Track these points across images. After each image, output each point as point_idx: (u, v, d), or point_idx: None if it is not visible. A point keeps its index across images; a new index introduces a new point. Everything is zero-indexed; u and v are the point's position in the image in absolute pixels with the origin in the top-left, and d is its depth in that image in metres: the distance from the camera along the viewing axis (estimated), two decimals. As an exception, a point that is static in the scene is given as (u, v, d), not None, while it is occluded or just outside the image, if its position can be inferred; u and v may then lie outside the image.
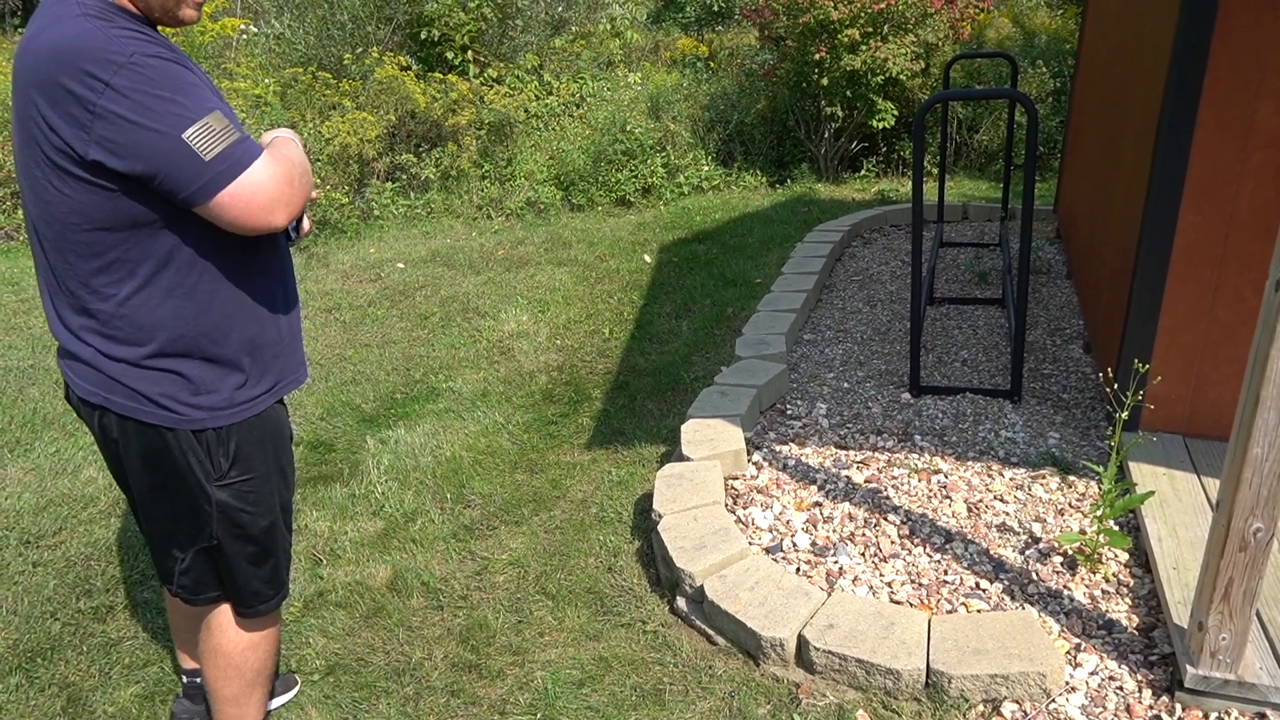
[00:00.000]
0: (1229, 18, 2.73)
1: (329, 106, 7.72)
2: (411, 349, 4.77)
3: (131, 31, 1.50)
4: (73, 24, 1.48)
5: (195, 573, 1.87)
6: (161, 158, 1.46)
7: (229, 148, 1.50)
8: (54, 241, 1.60)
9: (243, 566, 1.88)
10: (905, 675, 2.22)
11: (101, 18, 1.50)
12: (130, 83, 1.44)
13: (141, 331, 1.64)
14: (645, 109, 8.58)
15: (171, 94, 1.47)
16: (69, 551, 3.05)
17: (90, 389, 1.68)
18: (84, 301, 1.63)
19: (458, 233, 7.11)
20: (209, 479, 1.77)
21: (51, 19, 1.52)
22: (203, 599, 1.91)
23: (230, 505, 1.81)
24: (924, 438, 3.44)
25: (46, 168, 1.52)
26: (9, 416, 4.04)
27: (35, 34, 1.53)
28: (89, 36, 1.46)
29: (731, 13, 13.17)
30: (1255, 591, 2.00)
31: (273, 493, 1.88)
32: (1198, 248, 2.98)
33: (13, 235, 7.09)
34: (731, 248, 6.29)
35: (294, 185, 1.60)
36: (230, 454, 1.78)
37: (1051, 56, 8.75)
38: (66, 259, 1.60)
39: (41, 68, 1.47)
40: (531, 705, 2.34)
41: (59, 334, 1.70)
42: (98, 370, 1.66)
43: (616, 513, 3.19)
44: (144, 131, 1.45)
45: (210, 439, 1.74)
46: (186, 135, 1.46)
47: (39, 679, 2.48)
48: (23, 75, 1.52)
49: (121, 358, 1.65)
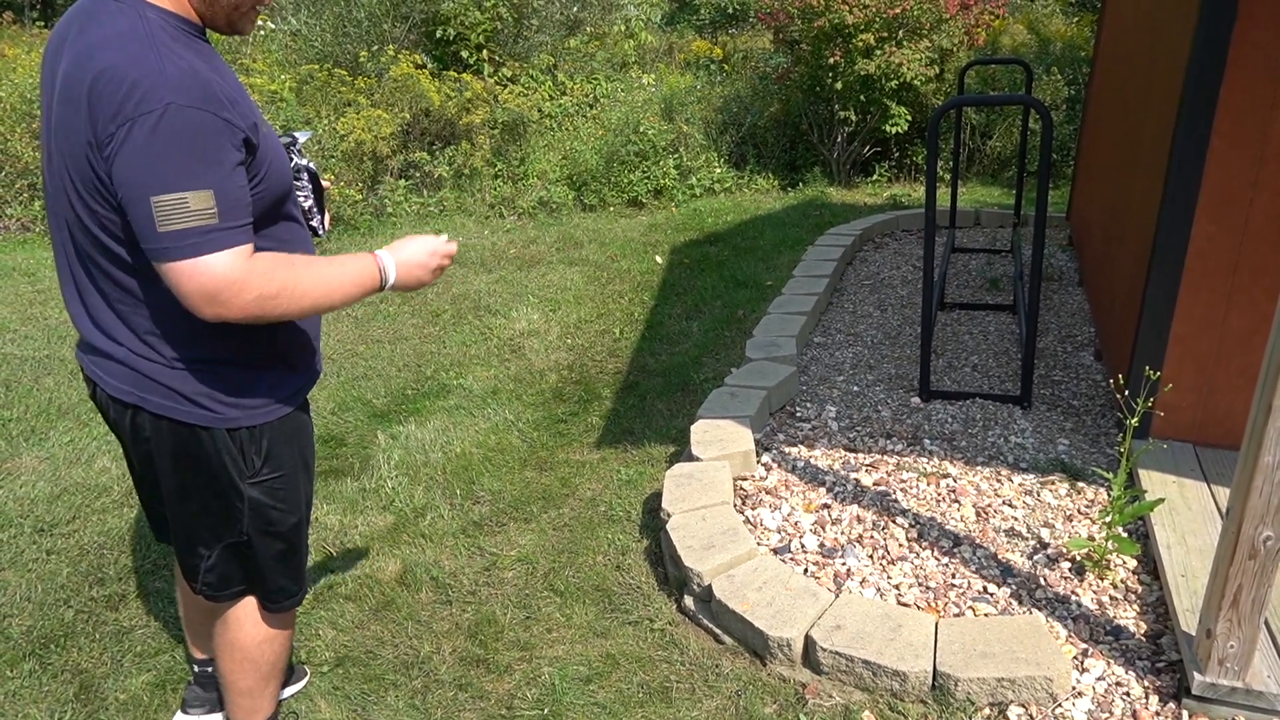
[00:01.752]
0: (1246, 29, 2.73)
1: (344, 103, 7.76)
2: (423, 346, 4.80)
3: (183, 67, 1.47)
4: (128, 47, 1.46)
5: (221, 569, 1.87)
6: (130, 205, 1.46)
7: (190, 229, 1.45)
8: (87, 247, 1.61)
9: (270, 563, 1.90)
10: (912, 677, 2.23)
11: (154, 40, 1.47)
12: (148, 130, 1.42)
13: (180, 333, 1.65)
14: (658, 110, 8.59)
15: (176, 156, 1.44)
16: (82, 540, 3.08)
17: (124, 388, 1.69)
18: (120, 303, 1.64)
19: (470, 231, 7.13)
20: (242, 477, 1.78)
21: (109, 27, 1.49)
22: (226, 595, 1.92)
23: (262, 502, 1.83)
24: (933, 442, 3.44)
25: (78, 178, 1.54)
26: (24, 405, 4.07)
27: (83, 32, 1.51)
28: (139, 68, 1.44)
29: (746, 16, 13.18)
30: (1264, 599, 2.00)
31: (299, 489, 1.91)
32: (1212, 256, 2.97)
33: (29, 226, 7.15)
34: (743, 250, 6.30)
35: (251, 295, 1.52)
36: (263, 452, 1.79)
37: (1066, 63, 8.73)
38: (101, 265, 1.61)
39: (86, 81, 1.46)
40: (539, 700, 2.36)
41: (87, 332, 1.70)
42: (132, 369, 1.67)
43: (625, 511, 3.20)
44: (131, 173, 1.44)
45: (244, 437, 1.76)
46: (154, 199, 1.44)
47: (52, 665, 2.50)
48: (67, 78, 1.51)
49: (158, 358, 1.66)
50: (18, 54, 8.61)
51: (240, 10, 1.64)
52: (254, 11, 1.67)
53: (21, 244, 6.85)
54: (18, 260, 6.39)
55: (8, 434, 3.82)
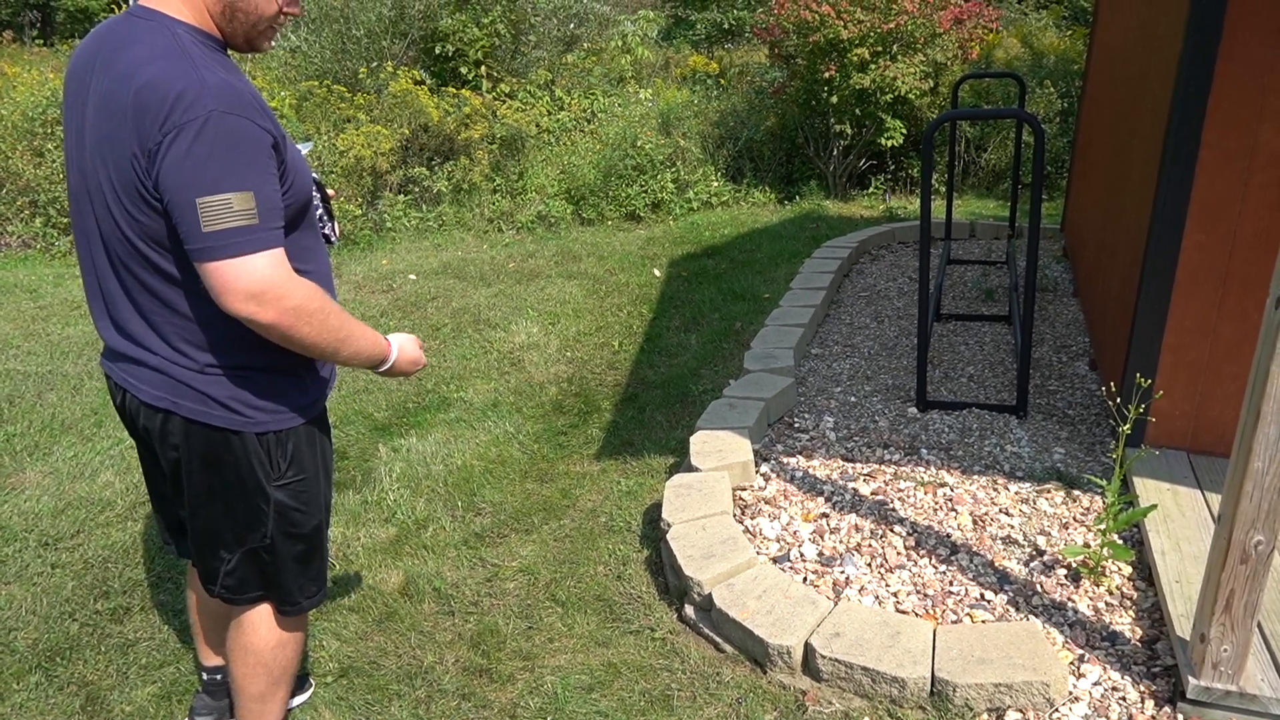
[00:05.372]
0: (1234, 41, 2.78)
1: (344, 119, 7.82)
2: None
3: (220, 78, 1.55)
4: (169, 61, 1.54)
5: (240, 573, 1.91)
6: (176, 208, 1.53)
7: (234, 228, 1.53)
8: (124, 257, 1.66)
9: (290, 565, 1.93)
10: (910, 684, 2.25)
11: (189, 55, 1.55)
12: (193, 135, 1.50)
13: (212, 341, 1.71)
14: (656, 125, 8.66)
15: (219, 159, 1.51)
16: (87, 554, 3.10)
17: (157, 394, 1.74)
18: (154, 312, 1.69)
19: (469, 245, 7.18)
20: (268, 480, 1.83)
21: (147, 44, 1.57)
22: (243, 599, 1.95)
23: (286, 505, 1.87)
24: (930, 451, 3.47)
25: (121, 188, 1.59)
26: (28, 421, 4.10)
27: (119, 50, 1.58)
28: (183, 80, 1.52)
29: (742, 31, 13.30)
30: (1256, 604, 2.03)
31: (321, 492, 1.95)
32: (1203, 266, 3.02)
33: (29, 244, 7.18)
34: (740, 263, 6.35)
35: (293, 303, 1.59)
36: (288, 455, 1.84)
37: (1059, 77, 8.81)
38: (136, 274, 1.67)
39: (130, 95, 1.53)
40: (541, 709, 2.38)
41: (116, 342, 1.75)
42: (166, 375, 1.72)
43: (625, 522, 3.23)
44: (177, 177, 1.51)
45: (271, 441, 1.81)
46: (200, 201, 1.51)
47: (58, 678, 2.52)
48: (109, 95, 1.57)
49: (191, 364, 1.72)
50: (18, 72, 8.67)
51: (259, 29, 1.71)
52: (271, 30, 1.73)
53: (23, 260, 6.88)
54: (19, 277, 6.42)
55: (11, 449, 3.85)
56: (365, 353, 1.78)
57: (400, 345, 1.90)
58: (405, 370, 1.92)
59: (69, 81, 1.69)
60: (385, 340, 1.85)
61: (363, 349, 1.77)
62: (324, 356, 1.72)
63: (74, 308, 5.71)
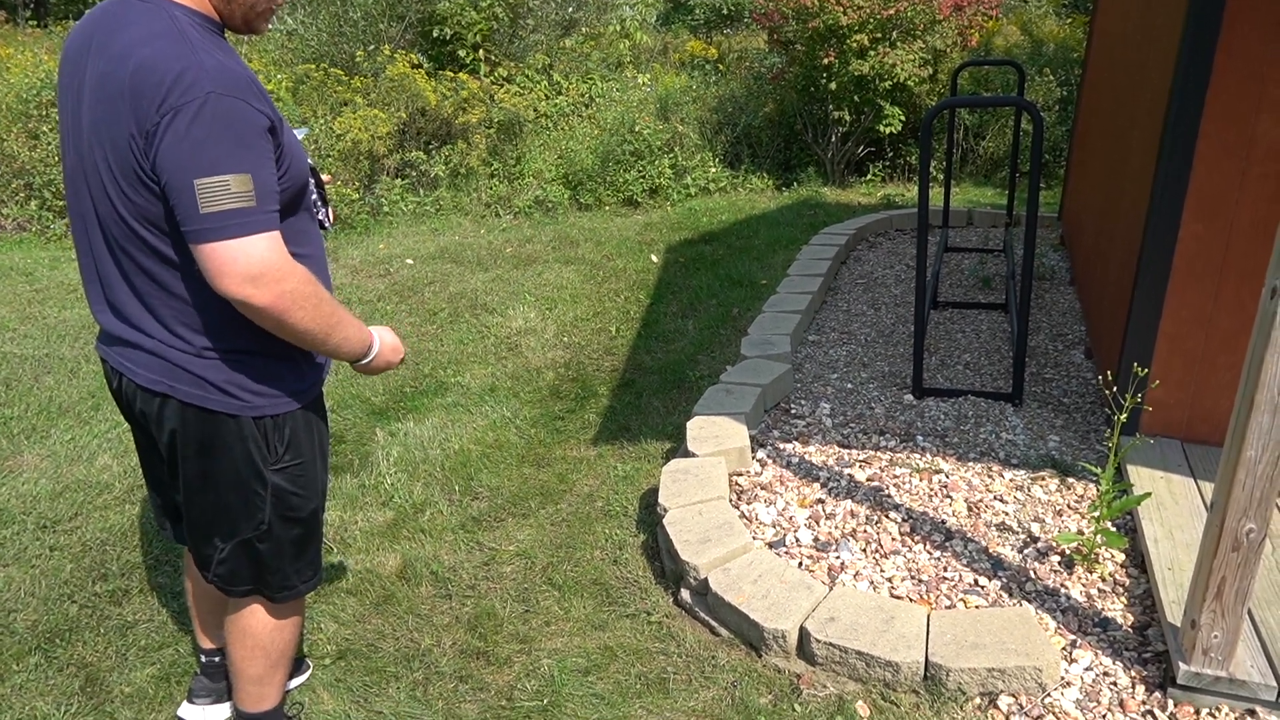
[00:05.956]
0: (1233, 33, 2.78)
1: (341, 103, 7.79)
2: (420, 344, 4.83)
3: (217, 60, 1.55)
4: (166, 43, 1.53)
5: (232, 564, 1.91)
6: (173, 190, 1.53)
7: (231, 210, 1.52)
8: (122, 240, 1.66)
9: (287, 549, 1.94)
10: (904, 668, 2.27)
11: (187, 37, 1.55)
12: (191, 117, 1.50)
13: (209, 324, 1.71)
14: (654, 110, 8.64)
15: (217, 141, 1.51)
16: (85, 536, 3.11)
17: (154, 377, 1.74)
18: (150, 295, 1.69)
19: (466, 230, 7.17)
20: (265, 464, 1.83)
21: (144, 26, 1.56)
22: (237, 591, 1.96)
23: (283, 489, 1.88)
24: (926, 438, 3.49)
25: (119, 170, 1.59)
26: (25, 404, 4.10)
27: (116, 32, 1.57)
28: (180, 61, 1.51)
29: (740, 16, 13.24)
30: (1247, 591, 2.05)
31: (318, 476, 1.96)
32: (1200, 256, 3.03)
33: (25, 226, 7.16)
34: (738, 249, 6.35)
35: (289, 286, 1.59)
36: (285, 439, 1.85)
37: (1059, 65, 8.79)
38: (133, 257, 1.66)
39: (127, 77, 1.53)
40: (538, 692, 2.40)
41: (112, 325, 1.75)
42: (162, 359, 1.72)
43: (622, 507, 3.24)
44: (175, 158, 1.51)
45: (268, 425, 1.81)
46: (198, 182, 1.50)
47: (58, 659, 2.54)
48: (105, 76, 1.56)
49: (188, 348, 1.71)
50: (11, 54, 8.62)
51: (257, 10, 1.70)
52: (269, 11, 1.73)
53: (18, 244, 6.86)
54: (15, 260, 6.41)
55: (9, 432, 3.85)
56: (352, 340, 1.78)
57: (381, 336, 1.90)
58: (385, 360, 1.91)
59: (64, 64, 1.68)
60: (370, 338, 1.85)
61: (350, 336, 1.77)
62: (312, 343, 1.71)
63: (70, 291, 5.70)
